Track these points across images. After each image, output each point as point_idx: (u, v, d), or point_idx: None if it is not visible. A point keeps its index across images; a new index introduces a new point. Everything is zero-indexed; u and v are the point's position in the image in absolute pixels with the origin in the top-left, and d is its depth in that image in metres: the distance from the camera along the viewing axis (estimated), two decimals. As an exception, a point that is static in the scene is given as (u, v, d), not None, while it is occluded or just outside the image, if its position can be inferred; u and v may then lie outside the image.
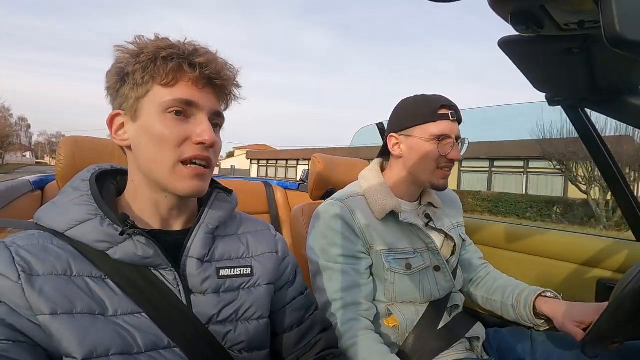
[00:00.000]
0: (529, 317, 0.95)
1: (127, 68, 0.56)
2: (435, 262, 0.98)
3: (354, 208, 0.95)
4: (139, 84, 0.56)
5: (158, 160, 0.56)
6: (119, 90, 0.58)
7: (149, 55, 0.56)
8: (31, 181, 1.17)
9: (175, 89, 0.56)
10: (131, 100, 0.57)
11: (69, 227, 0.54)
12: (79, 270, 0.53)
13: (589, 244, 1.23)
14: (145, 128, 0.57)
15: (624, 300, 0.67)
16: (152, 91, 0.57)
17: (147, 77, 0.56)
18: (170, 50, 0.56)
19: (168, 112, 0.56)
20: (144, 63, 0.56)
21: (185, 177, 0.57)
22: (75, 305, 0.50)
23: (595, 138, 1.11)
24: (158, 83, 0.56)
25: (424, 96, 0.96)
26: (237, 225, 0.70)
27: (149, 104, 0.57)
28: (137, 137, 0.58)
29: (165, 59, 0.56)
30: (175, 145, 0.56)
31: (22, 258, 0.50)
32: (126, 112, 0.58)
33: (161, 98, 0.56)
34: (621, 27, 0.35)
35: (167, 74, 0.56)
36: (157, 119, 0.56)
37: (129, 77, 0.57)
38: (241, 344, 0.61)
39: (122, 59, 0.57)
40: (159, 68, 0.55)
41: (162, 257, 0.57)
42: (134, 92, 0.57)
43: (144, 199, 0.60)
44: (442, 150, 0.92)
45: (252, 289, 0.65)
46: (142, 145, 0.57)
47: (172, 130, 0.56)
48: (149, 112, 0.57)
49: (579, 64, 0.75)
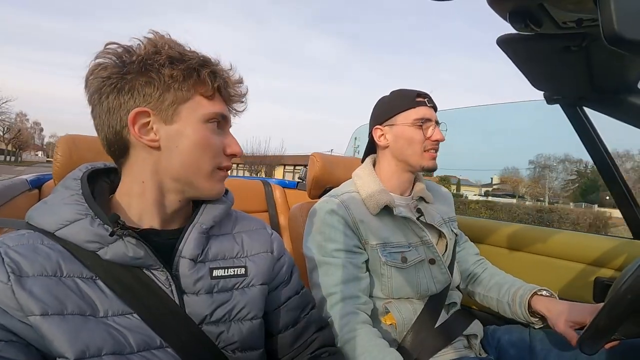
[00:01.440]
0: (523, 315, 0.95)
1: (161, 67, 0.55)
2: (430, 255, 0.98)
3: (348, 204, 0.96)
4: (178, 90, 0.57)
5: (199, 164, 0.59)
6: (139, 86, 0.56)
7: (194, 64, 0.58)
8: (28, 180, 1.17)
9: (214, 103, 0.61)
10: (165, 103, 0.57)
11: (59, 227, 0.53)
12: (69, 270, 0.52)
13: (586, 242, 1.24)
14: (184, 134, 0.58)
15: (621, 298, 0.67)
16: (193, 100, 0.59)
17: (188, 86, 0.58)
18: (214, 67, 0.60)
19: (209, 122, 0.60)
20: (186, 71, 0.57)
21: (219, 180, 0.63)
22: (66, 306, 0.50)
23: (594, 136, 1.11)
24: (200, 94, 0.59)
25: (399, 90, 1.05)
26: (233, 224, 0.70)
27: (190, 111, 0.58)
28: (173, 140, 0.58)
29: (211, 75, 0.59)
30: (215, 154, 0.61)
31: (11, 259, 0.49)
32: (155, 112, 0.57)
33: (204, 109, 0.59)
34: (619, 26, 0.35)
35: (209, 87, 0.59)
36: (198, 128, 0.59)
37: (160, 76, 0.56)
38: (235, 344, 0.61)
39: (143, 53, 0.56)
40: (204, 81, 0.58)
41: (153, 257, 0.56)
42: (169, 95, 0.57)
43: (151, 199, 0.60)
44: (426, 133, 0.97)
45: (246, 289, 0.64)
46: (180, 149, 0.58)
47: (214, 140, 0.61)
48: (189, 119, 0.58)
49: (577, 62, 0.75)
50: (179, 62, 0.57)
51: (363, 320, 0.86)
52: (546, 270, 1.28)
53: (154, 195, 0.60)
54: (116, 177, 0.65)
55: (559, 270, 1.25)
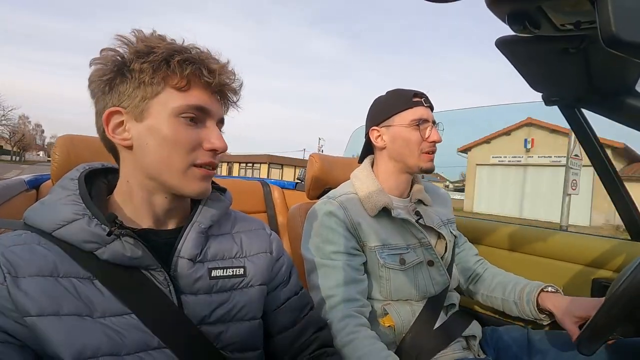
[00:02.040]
0: (532, 313, 0.96)
1: (132, 64, 0.55)
2: (429, 257, 0.98)
3: (347, 205, 0.96)
4: (147, 84, 0.55)
5: (170, 162, 0.56)
6: (115, 85, 0.56)
7: (161, 55, 0.54)
8: (26, 180, 1.16)
9: (189, 95, 0.56)
10: (136, 100, 0.56)
11: (56, 228, 0.53)
12: (66, 271, 0.52)
13: (584, 243, 1.24)
14: (154, 130, 0.56)
15: (619, 299, 0.67)
16: (163, 93, 0.56)
17: (158, 79, 0.55)
18: (186, 55, 0.55)
19: (181, 116, 0.56)
20: (155, 63, 0.54)
21: (197, 179, 0.58)
22: (62, 307, 0.50)
23: (592, 138, 1.12)
24: (171, 86, 0.56)
25: (396, 90, 1.03)
26: (232, 224, 0.70)
27: (160, 106, 0.56)
28: (143, 138, 0.56)
29: (181, 63, 0.55)
30: (188, 150, 0.57)
31: (7, 259, 0.49)
32: (128, 110, 0.56)
33: (174, 102, 0.56)
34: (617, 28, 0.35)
35: (181, 78, 0.55)
36: (168, 122, 0.56)
37: (132, 73, 0.55)
38: (233, 345, 0.61)
39: (123, 52, 0.55)
40: (174, 71, 0.55)
41: (151, 257, 0.56)
42: (139, 91, 0.55)
43: (139, 199, 0.60)
44: (423, 134, 0.97)
45: (244, 289, 0.64)
46: (151, 147, 0.56)
47: (186, 135, 0.56)
48: (159, 114, 0.56)
49: (575, 64, 0.75)
50: (147, 55, 0.54)
51: (361, 323, 0.86)
52: (544, 271, 1.28)
53: (140, 195, 0.59)
54: (113, 177, 0.65)
55: (557, 271, 1.25)
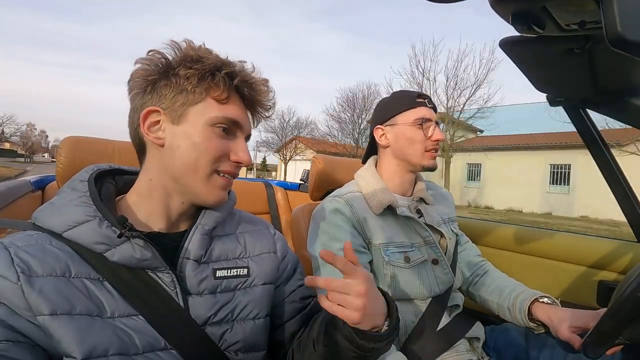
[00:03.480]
0: (523, 321, 0.95)
1: (178, 69, 0.57)
2: (434, 256, 0.98)
3: (352, 203, 0.96)
4: (190, 92, 0.57)
5: (196, 166, 0.58)
6: (156, 85, 0.58)
7: (209, 66, 0.57)
8: (31, 181, 1.17)
9: (227, 107, 0.59)
10: (177, 104, 0.58)
11: (67, 229, 0.54)
12: (78, 271, 0.53)
13: (590, 246, 1.23)
14: (188, 135, 0.58)
15: (625, 301, 0.66)
16: (203, 103, 0.58)
17: (201, 88, 0.57)
18: (232, 69, 0.58)
19: (216, 126, 0.59)
20: (201, 72, 0.57)
21: (218, 186, 0.61)
22: (75, 306, 0.50)
23: (597, 139, 1.11)
24: (212, 97, 0.58)
25: (400, 90, 1.08)
26: (236, 225, 0.70)
27: (198, 114, 0.58)
28: (176, 140, 0.58)
29: (225, 77, 0.58)
30: (215, 158, 0.59)
31: (21, 259, 0.50)
32: (166, 112, 0.58)
33: (213, 112, 0.58)
34: (622, 28, 0.35)
35: (222, 91, 0.58)
36: (202, 130, 0.58)
37: (177, 78, 0.57)
38: (237, 344, 0.61)
39: (170, 56, 0.58)
40: (218, 84, 0.58)
41: (159, 259, 0.57)
42: (181, 96, 0.58)
43: (156, 199, 0.61)
44: (426, 133, 0.99)
45: (248, 289, 0.65)
46: (182, 150, 0.58)
47: (216, 144, 0.59)
48: (196, 121, 0.58)
49: (580, 65, 0.74)
50: (195, 63, 0.57)
51: None
52: (549, 273, 1.27)
53: (159, 196, 0.61)
54: (120, 178, 0.66)
55: (562, 273, 1.24)
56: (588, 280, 1.18)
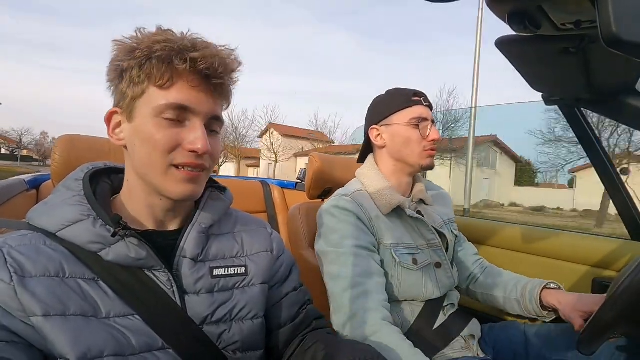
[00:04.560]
0: (535, 310, 0.96)
1: (123, 64, 0.54)
2: (437, 259, 0.98)
3: (361, 202, 0.95)
4: (135, 83, 0.54)
5: (150, 163, 0.55)
6: (117, 87, 0.56)
7: (144, 51, 0.52)
8: (26, 180, 1.16)
9: (171, 92, 0.54)
10: (127, 100, 0.55)
11: (61, 228, 0.53)
12: (72, 271, 0.52)
13: (584, 243, 1.24)
14: (139, 130, 0.55)
15: (619, 299, 0.67)
16: (147, 92, 0.54)
17: (142, 77, 0.53)
18: (165, 45, 0.52)
19: (162, 116, 0.54)
20: (139, 59, 0.53)
21: (178, 180, 0.56)
22: (68, 307, 0.50)
23: (592, 137, 1.12)
24: (154, 84, 0.54)
25: (395, 89, 1.03)
26: (233, 224, 0.70)
27: (144, 105, 0.54)
28: (132, 138, 0.56)
29: (161, 58, 0.52)
30: (166, 150, 0.54)
31: (14, 259, 0.49)
32: (123, 111, 0.57)
33: (156, 101, 0.54)
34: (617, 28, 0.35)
35: (162, 74, 0.53)
36: (150, 123, 0.54)
37: (125, 73, 0.55)
38: (235, 344, 0.61)
39: (119, 53, 0.55)
40: (154, 67, 0.53)
41: (155, 258, 0.56)
42: (130, 90, 0.55)
43: (139, 200, 0.60)
44: (422, 133, 0.97)
45: (246, 288, 0.64)
46: (136, 147, 0.56)
47: (164, 135, 0.54)
48: (144, 114, 0.54)
49: (575, 64, 0.75)
50: (133, 52, 0.53)
51: (385, 317, 0.83)
52: (544, 271, 1.28)
53: (139, 195, 0.59)
54: (116, 177, 0.65)
55: (557, 271, 1.25)
56: (582, 278, 1.19)
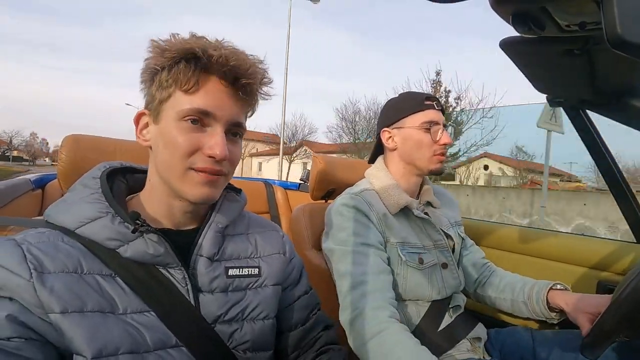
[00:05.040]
0: (542, 312, 0.95)
1: (156, 66, 0.55)
2: (443, 259, 0.99)
3: (370, 201, 0.96)
4: (164, 87, 0.55)
5: (171, 165, 0.56)
6: (149, 89, 0.58)
7: (173, 54, 0.54)
8: (32, 180, 1.17)
9: (195, 97, 0.54)
10: (155, 102, 0.57)
11: (79, 225, 0.54)
12: (90, 268, 0.53)
13: (589, 246, 1.23)
14: (163, 133, 0.56)
15: (623, 302, 0.67)
16: (173, 96, 0.55)
17: (170, 81, 0.55)
18: (195, 52, 0.53)
19: (184, 120, 0.55)
20: (169, 63, 0.54)
21: (196, 183, 0.56)
22: (86, 304, 0.50)
23: (597, 139, 1.11)
24: (179, 88, 0.55)
25: (408, 92, 1.06)
26: (246, 225, 0.71)
27: (170, 109, 0.56)
28: (156, 140, 0.58)
29: (189, 61, 0.54)
30: (186, 154, 0.55)
31: (33, 256, 0.49)
32: (150, 113, 0.58)
33: (180, 105, 0.55)
34: (622, 29, 0.35)
35: (188, 79, 0.54)
36: (174, 126, 0.55)
37: (156, 76, 0.56)
38: (246, 344, 0.61)
39: (152, 54, 0.56)
40: (181, 72, 0.54)
41: (172, 255, 0.57)
42: (158, 93, 0.56)
43: (159, 200, 0.60)
44: (434, 137, 0.97)
45: (259, 289, 0.65)
46: (160, 149, 0.57)
47: (185, 139, 0.55)
48: (168, 117, 0.56)
49: (580, 66, 0.75)
50: (163, 54, 0.54)
51: (393, 315, 0.83)
52: (549, 273, 1.27)
53: (159, 195, 0.60)
54: (131, 177, 0.66)
55: (562, 273, 1.24)
56: (587, 281, 1.19)
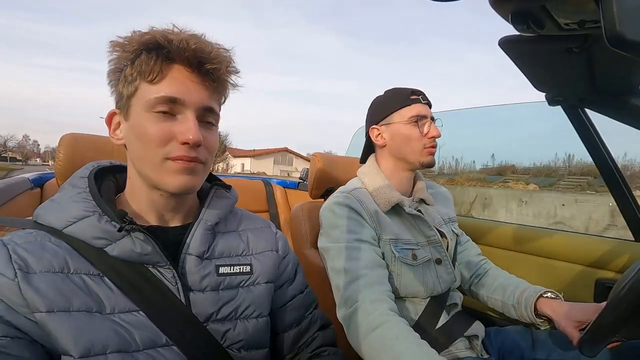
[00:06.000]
0: (530, 318, 0.95)
1: (119, 64, 0.55)
2: (437, 255, 0.99)
3: (361, 198, 0.96)
4: (129, 82, 0.55)
5: (146, 157, 0.55)
6: (116, 87, 0.57)
7: (133, 47, 0.53)
8: (30, 179, 1.17)
9: (160, 86, 0.54)
10: (124, 99, 0.56)
11: (67, 224, 0.54)
12: (76, 267, 0.52)
13: (587, 244, 1.23)
14: (134, 127, 0.55)
15: (622, 300, 0.67)
16: (139, 89, 0.55)
17: (135, 74, 0.54)
18: (155, 41, 0.53)
19: (154, 111, 0.54)
20: (131, 57, 0.54)
21: (174, 172, 0.55)
22: (72, 303, 0.50)
23: (595, 138, 1.11)
24: (144, 80, 0.54)
25: (394, 88, 1.05)
26: (238, 222, 0.70)
27: (138, 102, 0.55)
28: (129, 135, 0.57)
29: (150, 52, 0.53)
30: (159, 144, 0.54)
31: (19, 256, 0.50)
32: (120, 111, 0.58)
33: (147, 96, 0.54)
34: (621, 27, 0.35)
35: (151, 68, 0.53)
36: (144, 118, 0.54)
37: (121, 73, 0.56)
38: (240, 343, 0.61)
39: (113, 52, 0.56)
40: (144, 63, 0.53)
41: (160, 254, 0.56)
42: (125, 89, 0.55)
43: (141, 196, 0.60)
44: (422, 130, 0.98)
45: (251, 287, 0.64)
46: (133, 144, 0.56)
47: (156, 129, 0.54)
48: (137, 110, 0.55)
49: (579, 64, 0.75)
50: (123, 49, 0.54)
51: (392, 308, 0.83)
52: (547, 271, 1.28)
53: (140, 192, 0.60)
54: (121, 175, 0.65)
55: (560, 271, 1.25)
56: (586, 279, 1.19)
